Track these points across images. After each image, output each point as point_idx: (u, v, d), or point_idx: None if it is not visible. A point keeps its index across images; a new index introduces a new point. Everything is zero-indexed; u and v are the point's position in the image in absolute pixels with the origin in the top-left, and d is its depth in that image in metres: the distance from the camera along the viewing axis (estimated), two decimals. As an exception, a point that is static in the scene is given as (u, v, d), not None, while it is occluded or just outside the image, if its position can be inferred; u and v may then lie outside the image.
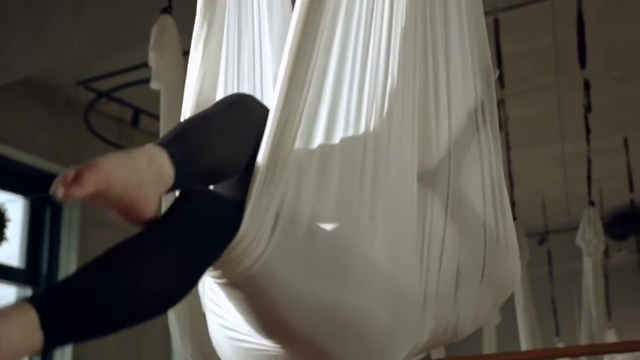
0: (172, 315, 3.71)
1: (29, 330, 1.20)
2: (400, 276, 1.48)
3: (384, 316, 1.42)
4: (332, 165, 1.44)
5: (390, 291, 1.45)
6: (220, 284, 1.38)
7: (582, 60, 5.03)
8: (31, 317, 1.21)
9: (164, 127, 3.87)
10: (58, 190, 1.35)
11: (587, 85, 5.30)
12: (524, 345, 6.40)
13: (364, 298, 1.40)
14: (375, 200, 1.47)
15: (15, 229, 5.41)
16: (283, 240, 1.34)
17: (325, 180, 1.43)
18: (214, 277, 1.37)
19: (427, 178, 1.63)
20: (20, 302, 1.23)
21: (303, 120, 1.40)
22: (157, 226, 1.36)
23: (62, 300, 1.26)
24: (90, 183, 1.34)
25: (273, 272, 1.33)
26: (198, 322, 3.74)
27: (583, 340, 5.57)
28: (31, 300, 1.23)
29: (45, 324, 1.21)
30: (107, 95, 5.55)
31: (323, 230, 1.40)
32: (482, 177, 1.73)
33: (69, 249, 5.54)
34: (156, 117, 4.24)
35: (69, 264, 5.51)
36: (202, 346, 3.69)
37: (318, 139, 1.45)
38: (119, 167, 1.37)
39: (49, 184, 1.27)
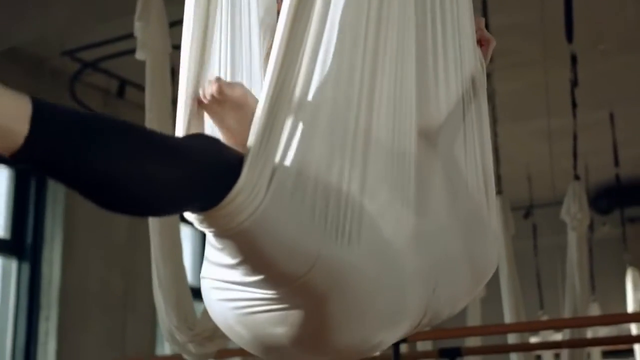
0: (157, 288, 3.71)
1: (19, 115, 1.18)
2: (390, 239, 1.47)
3: (370, 276, 1.42)
4: (325, 120, 1.45)
5: (379, 253, 1.45)
6: (213, 236, 1.38)
7: (569, 35, 5.03)
8: (26, 106, 1.19)
9: (150, 98, 3.85)
10: (213, 85, 1.50)
11: (574, 60, 5.30)
12: (508, 318, 6.44)
13: (351, 254, 1.40)
14: (368, 158, 1.47)
15: (0, 199, 5.40)
16: (277, 195, 1.34)
17: (318, 136, 1.44)
18: (205, 228, 1.37)
19: (427, 141, 1.62)
20: (22, 93, 1.20)
21: (300, 78, 1.41)
22: (173, 137, 1.40)
23: (61, 116, 1.23)
24: (240, 92, 1.54)
25: (266, 226, 1.33)
26: (182, 295, 3.75)
27: (567, 314, 5.59)
28: (32, 98, 1.21)
29: (35, 120, 1.19)
30: (92, 65, 5.52)
31: (316, 185, 1.40)
32: (474, 155, 1.73)
33: (54, 220, 5.54)
34: (142, 88, 4.23)
35: (54, 235, 5.50)
36: (187, 318, 3.69)
37: (313, 96, 1.45)
38: (252, 97, 1.55)
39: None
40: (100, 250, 5.78)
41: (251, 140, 1.36)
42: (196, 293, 4.87)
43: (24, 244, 5.51)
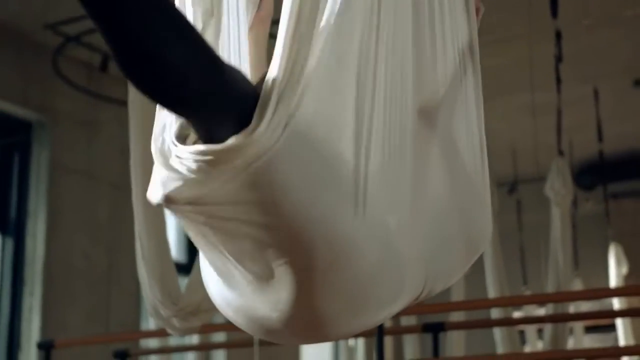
0: (141, 263, 3.71)
1: None
2: (389, 216, 1.45)
3: (370, 260, 1.39)
4: (341, 81, 1.43)
5: (380, 233, 1.42)
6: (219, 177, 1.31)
7: (554, 10, 5.03)
8: None
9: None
10: None
11: (558, 35, 5.30)
12: (492, 293, 6.47)
13: (356, 230, 1.37)
14: (372, 128, 1.45)
15: (-16, 174, 5.38)
16: (292, 140, 1.30)
17: (333, 95, 1.41)
18: (209, 168, 1.29)
19: (426, 119, 1.61)
20: None
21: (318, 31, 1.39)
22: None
23: None
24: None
25: (275, 175, 1.29)
26: (166, 270, 3.75)
27: (550, 289, 5.63)
28: None
29: None
30: (75, 39, 5.48)
31: (330, 144, 1.37)
32: (471, 130, 1.71)
33: (37, 195, 5.52)
34: (125, 63, 4.19)
35: (37, 210, 5.49)
36: (171, 293, 3.69)
37: (331, 58, 1.42)
38: None
39: (18, 129, 1.26)
40: (84, 225, 5.76)
41: (271, 76, 1.32)
42: (180, 268, 4.86)
43: (7, 219, 5.49)
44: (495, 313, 6.30)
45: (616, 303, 7.06)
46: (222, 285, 1.49)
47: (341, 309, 1.40)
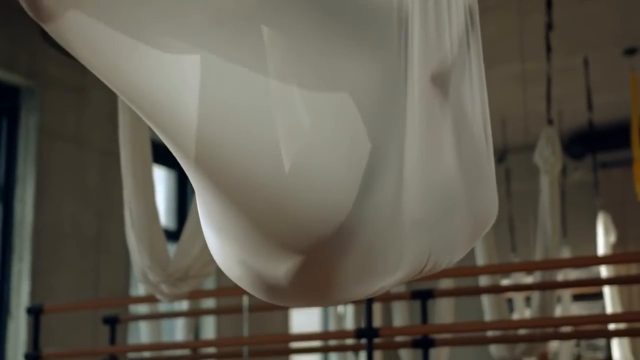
0: (130, 228, 3.72)
1: None
2: (396, 187, 1.42)
3: (378, 229, 1.38)
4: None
5: (384, 192, 1.40)
6: None
7: (545, -22, 5.02)
8: None
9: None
10: None
11: (549, 3, 5.29)
12: (481, 261, 6.51)
13: (366, 200, 1.36)
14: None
15: (-28, 139, 5.36)
16: None
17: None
18: None
19: (439, 81, 1.58)
20: None
21: None
22: None
23: None
24: None
25: None
26: (155, 236, 3.76)
27: (538, 256, 5.66)
28: None
29: None
30: (64, 4, 5.44)
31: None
32: (478, 98, 1.68)
33: (26, 160, 5.51)
34: (114, 28, 4.18)
35: (26, 175, 5.48)
36: (160, 259, 3.71)
37: None
38: None
39: (6, 94, 1.26)
40: (73, 190, 5.76)
41: None
42: (169, 235, 4.87)
43: (-5, 185, 5.48)
44: (484, 280, 6.34)
45: (604, 271, 7.11)
46: (226, 240, 1.47)
47: (349, 274, 1.39)
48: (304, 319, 8.78)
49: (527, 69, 6.29)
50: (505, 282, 7.70)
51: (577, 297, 8.26)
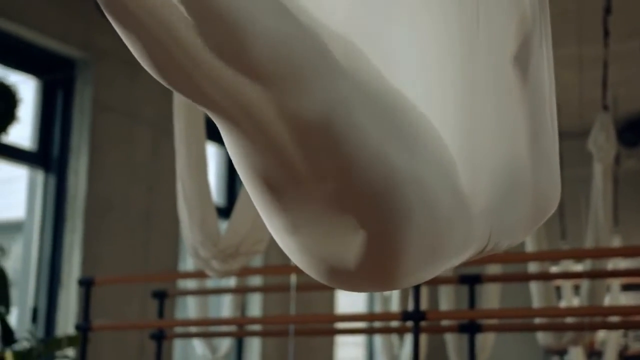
0: (182, 204, 3.73)
1: None
2: (461, 158, 1.40)
3: (442, 196, 1.34)
4: None
5: (451, 170, 1.34)
6: None
7: (605, -39, 4.94)
8: None
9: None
10: None
11: (608, -13, 5.21)
12: (530, 247, 6.45)
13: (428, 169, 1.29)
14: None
15: (27, 110, 5.41)
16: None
17: None
18: None
19: (519, 58, 1.54)
20: None
21: None
22: None
23: None
24: None
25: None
26: (207, 212, 3.76)
27: (588, 244, 5.60)
28: None
29: None
30: (121, -22, 5.46)
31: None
32: (550, 78, 1.65)
33: (80, 132, 5.55)
34: (171, 3, 4.19)
35: (80, 147, 5.53)
36: (211, 235, 3.72)
37: None
38: None
39: (62, 66, 1.25)
40: (125, 163, 5.80)
41: None
42: (220, 212, 4.90)
43: (50, 156, 5.54)
44: (532, 267, 6.29)
45: (655, 261, 7.02)
46: (286, 219, 1.35)
47: (417, 258, 1.37)
48: (350, 300, 8.79)
49: (584, 53, 6.21)
50: (554, 269, 7.64)
51: (626, 287, 8.18)
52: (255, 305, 7.03)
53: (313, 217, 1.33)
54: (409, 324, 4.36)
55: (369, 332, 7.01)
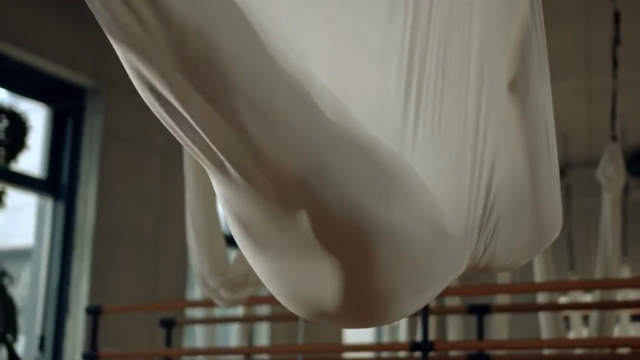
0: (191, 233, 3.73)
1: None
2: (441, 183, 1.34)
3: (420, 231, 1.30)
4: None
5: (430, 204, 1.32)
6: None
7: (613, -9, 4.95)
8: None
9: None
10: None
11: (617, 17, 5.22)
12: (539, 277, 6.43)
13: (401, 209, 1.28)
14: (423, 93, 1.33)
15: (37, 138, 5.43)
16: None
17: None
18: None
19: (516, 85, 1.54)
20: None
21: None
22: None
23: None
24: None
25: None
26: (216, 241, 3.77)
27: (597, 275, 5.57)
28: None
29: None
30: (132, 7, 5.50)
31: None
32: (547, 101, 1.65)
33: (89, 160, 5.57)
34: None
35: (89, 175, 5.54)
36: (220, 264, 3.72)
37: None
38: None
39: (72, 94, 1.26)
40: (134, 192, 5.81)
41: None
42: (229, 240, 4.90)
43: (59, 184, 5.55)
44: (541, 297, 6.27)
45: (664, 292, 6.98)
46: (266, 261, 1.38)
47: (397, 295, 1.35)
48: (358, 330, 8.76)
49: (592, 84, 6.22)
50: (563, 299, 7.60)
51: (635, 318, 8.13)
52: (263, 335, 7.00)
53: (291, 262, 1.32)
54: (417, 354, 4.33)
55: (377, 361, 6.97)
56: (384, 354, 5.93)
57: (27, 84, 5.47)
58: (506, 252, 1.53)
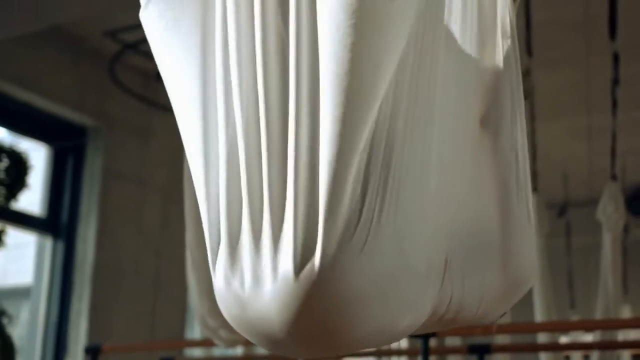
0: (191, 273, 3.73)
1: None
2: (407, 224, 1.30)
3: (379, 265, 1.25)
4: None
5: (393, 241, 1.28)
6: None
7: (612, 32, 4.98)
8: None
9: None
10: None
11: (616, 58, 5.25)
12: (539, 317, 6.41)
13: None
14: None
15: (37, 177, 5.44)
16: None
17: None
18: None
19: (488, 119, 1.52)
20: None
21: None
22: None
23: None
24: None
25: None
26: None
27: (598, 314, 5.56)
28: None
29: None
30: (133, 47, 5.54)
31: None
32: (522, 141, 1.61)
33: (89, 199, 5.57)
34: (182, 72, 4.23)
35: (89, 214, 5.54)
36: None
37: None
38: None
39: (73, 134, 1.26)
40: (134, 231, 5.81)
41: None
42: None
43: (59, 223, 5.55)
44: (542, 337, 6.24)
45: (665, 332, 6.96)
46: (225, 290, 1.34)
47: (358, 331, 1.32)
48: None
49: (592, 124, 6.24)
50: (563, 339, 7.57)
51: (636, 358, 8.09)
52: (262, 374, 6.96)
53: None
54: (418, 394, 4.30)
55: (377, 401, 6.92)
56: (384, 394, 5.89)
57: (27, 123, 5.49)
58: (476, 300, 1.47)
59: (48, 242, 5.54)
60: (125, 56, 5.66)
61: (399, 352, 4.88)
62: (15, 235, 5.54)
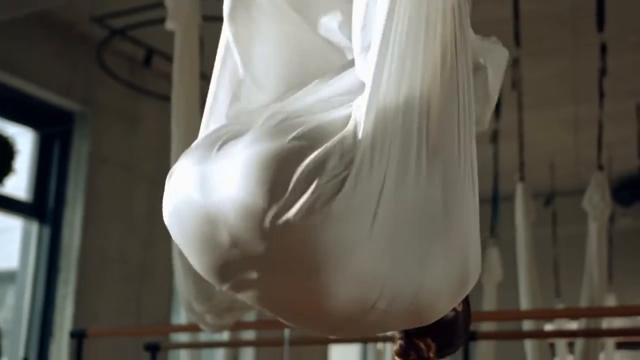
0: (177, 258, 3.73)
1: None
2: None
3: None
4: None
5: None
6: None
7: (600, 23, 4.99)
8: None
9: (177, 69, 3.85)
10: None
11: (603, 49, 5.26)
12: (524, 305, 6.43)
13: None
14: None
15: (24, 161, 5.43)
16: None
17: None
18: None
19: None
20: None
21: None
22: None
23: None
24: None
25: None
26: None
27: (583, 303, 5.58)
28: None
29: None
30: (120, 33, 5.53)
31: None
32: (470, 145, 1.48)
33: (76, 185, 5.56)
34: (169, 58, 4.23)
35: (75, 199, 5.53)
36: (206, 289, 3.70)
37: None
38: None
39: (59, 118, 1.27)
40: (121, 216, 5.81)
41: None
42: (214, 264, 4.87)
43: (45, 208, 5.54)
44: (527, 325, 6.26)
45: (649, 320, 7.00)
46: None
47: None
48: (343, 355, 8.74)
49: (579, 114, 6.25)
50: (548, 326, 7.60)
51: (621, 345, 8.14)
52: (248, 359, 6.98)
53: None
54: (403, 381, 4.32)
55: (362, 388, 6.95)
56: (370, 381, 5.91)
57: (14, 108, 5.48)
58: (410, 292, 1.40)
59: (34, 227, 5.53)
60: (113, 42, 5.65)
61: (384, 339, 4.89)
62: (1, 220, 5.53)
